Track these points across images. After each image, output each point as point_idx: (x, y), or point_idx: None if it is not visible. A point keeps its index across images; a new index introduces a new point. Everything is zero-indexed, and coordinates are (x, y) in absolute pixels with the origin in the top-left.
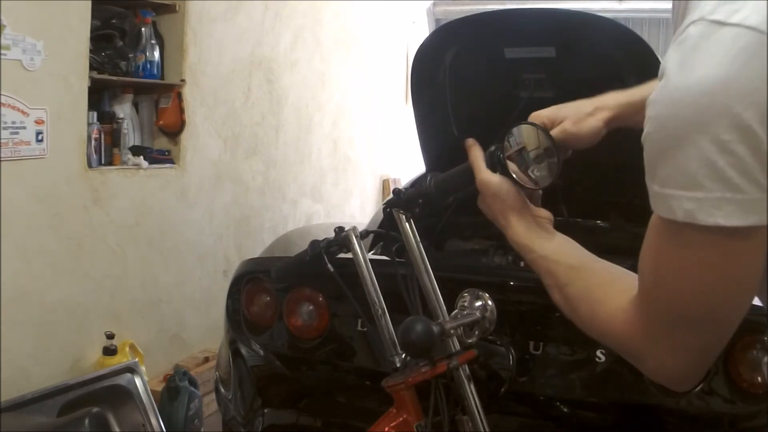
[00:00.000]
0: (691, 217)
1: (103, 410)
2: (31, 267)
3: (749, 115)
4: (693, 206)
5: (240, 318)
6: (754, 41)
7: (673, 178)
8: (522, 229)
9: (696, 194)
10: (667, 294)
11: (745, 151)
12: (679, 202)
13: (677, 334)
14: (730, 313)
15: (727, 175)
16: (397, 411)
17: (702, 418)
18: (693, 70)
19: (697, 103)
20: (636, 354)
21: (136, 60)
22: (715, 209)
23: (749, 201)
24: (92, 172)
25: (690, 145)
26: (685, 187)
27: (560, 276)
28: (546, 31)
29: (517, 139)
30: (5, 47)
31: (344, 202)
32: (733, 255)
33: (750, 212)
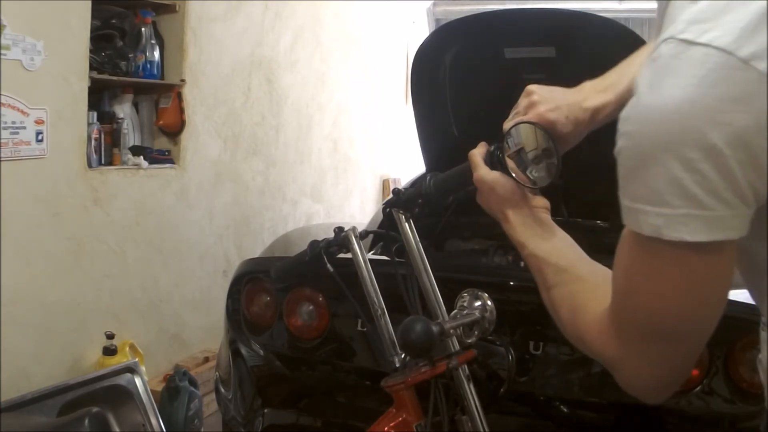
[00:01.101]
0: (657, 232)
1: (103, 410)
2: (31, 267)
3: (715, 135)
4: (660, 222)
5: (240, 318)
6: (722, 62)
7: (641, 193)
8: (518, 224)
9: (663, 210)
10: (636, 307)
11: (710, 169)
12: (646, 217)
13: (647, 348)
14: (700, 327)
15: (692, 193)
16: (397, 411)
17: (702, 418)
18: (662, 90)
19: (665, 122)
20: (609, 364)
21: (136, 60)
22: (681, 225)
23: (715, 217)
24: (92, 172)
25: (658, 163)
26: (653, 203)
27: (548, 277)
28: (546, 31)
29: (515, 139)
30: (5, 47)
31: (344, 202)
32: (701, 270)
33: (715, 228)
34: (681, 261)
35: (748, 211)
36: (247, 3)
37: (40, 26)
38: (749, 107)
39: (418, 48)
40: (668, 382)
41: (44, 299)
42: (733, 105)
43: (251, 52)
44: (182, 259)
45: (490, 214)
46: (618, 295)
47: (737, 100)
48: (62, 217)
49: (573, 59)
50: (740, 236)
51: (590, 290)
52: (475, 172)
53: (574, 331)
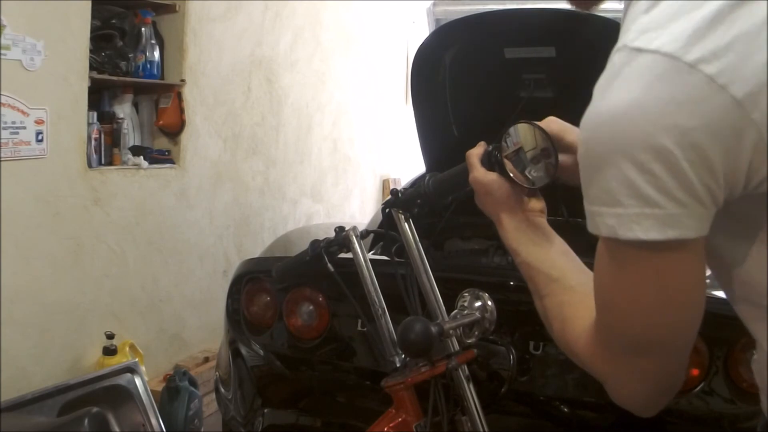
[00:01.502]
0: (612, 232)
1: (103, 410)
2: (31, 267)
3: (665, 137)
4: (614, 222)
5: (240, 318)
6: (669, 67)
7: (598, 196)
8: (511, 229)
9: (617, 210)
10: (614, 319)
11: (661, 169)
12: (602, 218)
13: (632, 362)
14: (677, 334)
15: (644, 192)
16: (397, 411)
17: (702, 418)
18: (613, 96)
19: (616, 126)
20: (599, 378)
21: (136, 60)
22: (634, 224)
23: (667, 215)
24: (92, 172)
25: (610, 165)
26: (608, 204)
27: (540, 286)
28: (546, 31)
29: (514, 139)
30: (5, 47)
31: (344, 202)
32: (666, 271)
33: (668, 226)
34: (644, 262)
35: (705, 211)
36: (247, 3)
37: (40, 26)
38: (696, 109)
39: (418, 48)
40: (658, 396)
41: (44, 299)
42: (680, 107)
43: (251, 52)
44: (182, 259)
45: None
46: (598, 309)
47: (684, 102)
48: (62, 217)
49: (573, 59)
50: (698, 235)
51: (579, 302)
52: (471, 173)
53: (565, 343)
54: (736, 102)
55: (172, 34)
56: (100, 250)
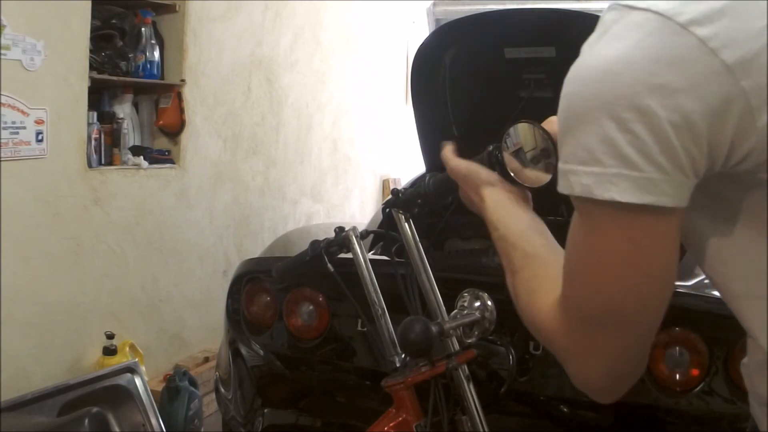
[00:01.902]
0: (587, 191)
1: (103, 410)
2: (31, 267)
3: (650, 96)
4: (590, 181)
5: (240, 318)
6: (660, 26)
7: (574, 153)
8: (492, 202)
9: (594, 169)
10: (580, 286)
11: (643, 130)
12: (577, 177)
13: (591, 335)
14: (641, 308)
15: (624, 152)
16: (397, 411)
17: (702, 418)
18: (601, 51)
19: (601, 81)
20: (560, 354)
21: (136, 60)
22: (611, 185)
23: (645, 179)
24: (92, 172)
25: (591, 121)
26: (584, 162)
27: (514, 261)
28: (546, 31)
29: (513, 139)
30: (5, 47)
31: (344, 202)
32: (636, 238)
33: (645, 191)
34: (614, 226)
35: (686, 180)
36: (247, 3)
37: (40, 26)
38: (685, 71)
39: (418, 48)
40: (616, 380)
41: (44, 299)
42: (668, 68)
43: (251, 52)
44: (182, 259)
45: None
46: (564, 276)
47: (673, 63)
48: (62, 217)
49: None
50: (676, 205)
51: (550, 277)
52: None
53: (529, 316)
54: (726, 67)
55: (172, 34)
56: (100, 250)
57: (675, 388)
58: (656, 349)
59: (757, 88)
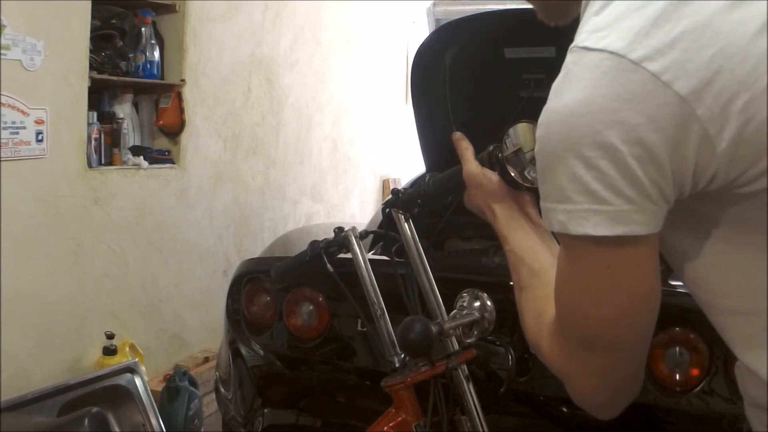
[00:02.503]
0: (563, 228)
1: (103, 410)
2: (31, 267)
3: (611, 133)
4: (564, 218)
5: (240, 318)
6: (615, 65)
7: (550, 192)
8: (504, 217)
9: (567, 207)
10: (568, 315)
11: (608, 166)
12: (554, 214)
13: (584, 356)
14: (630, 330)
15: (592, 189)
16: (396, 411)
17: (702, 418)
18: (564, 94)
19: (565, 123)
20: (559, 375)
21: (136, 60)
22: (584, 220)
23: (615, 212)
24: (92, 172)
25: (560, 162)
26: (558, 200)
27: (521, 278)
28: (546, 31)
29: (513, 139)
30: (5, 47)
31: (344, 202)
32: (616, 266)
33: (617, 222)
34: (594, 257)
35: (656, 208)
36: (247, 3)
37: (40, 26)
38: (641, 106)
39: (418, 48)
40: (615, 398)
41: (44, 299)
42: (625, 104)
43: (251, 52)
44: (182, 259)
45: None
46: (556, 304)
47: (629, 99)
48: (62, 217)
49: None
50: (649, 232)
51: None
52: (464, 166)
53: (532, 337)
54: (680, 98)
55: (172, 34)
56: (100, 250)
57: (675, 388)
58: (656, 349)
59: (713, 115)
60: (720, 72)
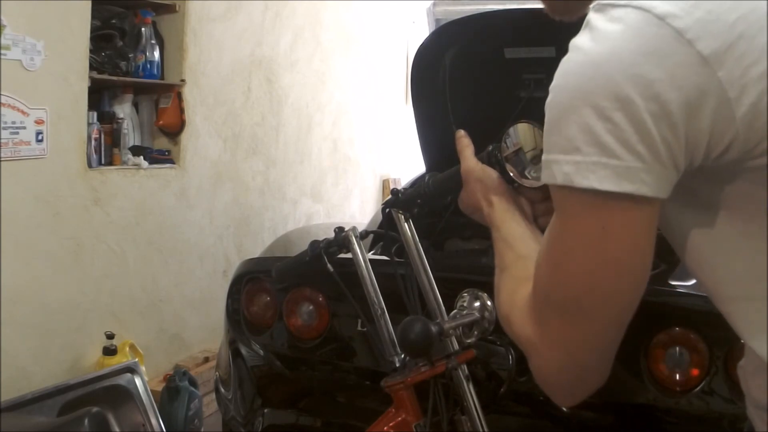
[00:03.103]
0: (568, 180)
1: (103, 410)
2: (31, 267)
3: (628, 86)
4: (570, 169)
5: (240, 318)
6: (640, 18)
7: (557, 143)
8: (500, 209)
9: (574, 158)
10: (548, 274)
11: (622, 119)
12: (559, 166)
13: (553, 327)
14: (606, 303)
15: (603, 141)
16: (396, 411)
17: (702, 418)
18: (583, 45)
19: (583, 73)
20: (525, 347)
21: (136, 60)
22: (590, 173)
23: (624, 168)
24: (92, 172)
25: (573, 111)
26: (566, 151)
27: (505, 260)
28: (546, 31)
29: (513, 139)
30: (5, 47)
31: (344, 202)
32: (612, 228)
33: (624, 179)
34: (592, 215)
35: (665, 171)
36: (247, 3)
37: (40, 26)
38: (662, 61)
39: (418, 48)
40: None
41: (44, 299)
42: (646, 58)
43: (251, 52)
44: (182, 259)
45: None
46: (537, 269)
47: (651, 54)
48: (62, 217)
49: None
50: (655, 195)
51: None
52: (462, 163)
53: (505, 309)
54: (702, 58)
55: (172, 34)
56: (100, 250)
57: (675, 388)
58: (656, 349)
59: (733, 79)
60: (742, 37)
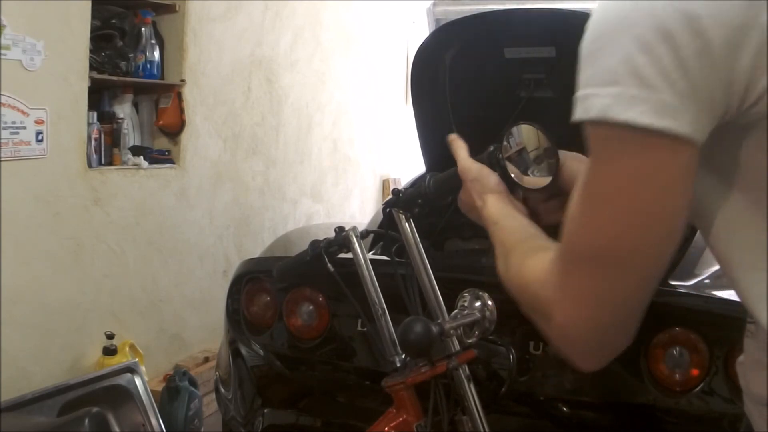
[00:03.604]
0: (603, 112)
1: (103, 410)
2: (31, 267)
3: (674, 20)
4: (608, 102)
5: (240, 318)
6: None
7: (594, 76)
8: (497, 206)
9: (613, 89)
10: (579, 224)
11: (665, 52)
12: (595, 99)
13: (583, 276)
14: (639, 253)
15: (644, 74)
16: (397, 411)
17: (702, 418)
18: None
19: (625, 5)
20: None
21: (136, 60)
22: (630, 105)
23: (664, 102)
24: (92, 172)
25: (614, 43)
26: (604, 83)
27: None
28: (546, 31)
29: (516, 139)
30: (5, 47)
31: (344, 202)
32: (649, 171)
33: (663, 114)
34: (627, 152)
35: (704, 113)
36: (247, 3)
37: (40, 26)
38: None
39: (418, 48)
40: (608, 332)
41: (44, 299)
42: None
43: (251, 52)
44: (182, 259)
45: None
46: (568, 221)
47: None
48: (62, 217)
49: (573, 59)
50: (693, 134)
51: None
52: (459, 163)
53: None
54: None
55: (172, 34)
56: (100, 250)
57: (675, 388)
58: (656, 349)
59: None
60: None
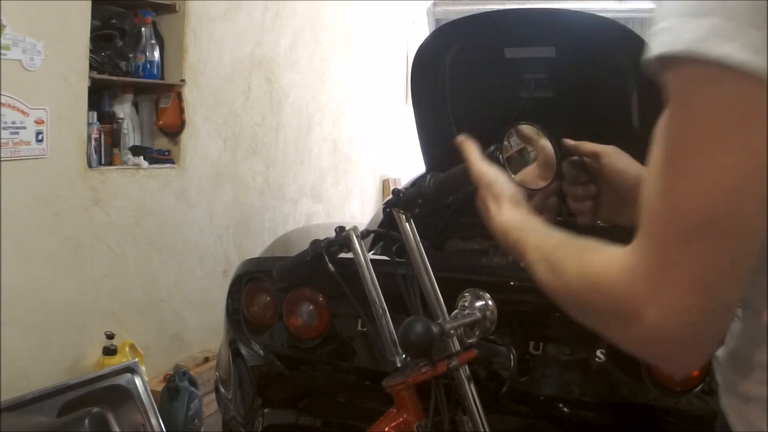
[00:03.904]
0: (694, 45)
1: (103, 410)
2: (31, 267)
3: None
4: (702, 32)
5: (240, 318)
6: None
7: (678, 6)
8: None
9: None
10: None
11: None
12: (684, 29)
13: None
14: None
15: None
16: (398, 411)
17: (702, 418)
18: None
19: None
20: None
21: (136, 60)
22: (728, 38)
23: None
24: (92, 172)
25: None
26: (693, 14)
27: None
28: (546, 31)
29: (517, 139)
30: (5, 47)
31: (344, 202)
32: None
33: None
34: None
35: None
36: (247, 3)
37: (40, 26)
38: None
39: (418, 48)
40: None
41: (44, 299)
42: None
43: (251, 52)
44: (182, 259)
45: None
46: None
47: None
48: (62, 217)
49: (573, 59)
50: None
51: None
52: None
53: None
54: None
55: (172, 34)
56: (100, 250)
57: (675, 388)
58: None
59: None
60: None
